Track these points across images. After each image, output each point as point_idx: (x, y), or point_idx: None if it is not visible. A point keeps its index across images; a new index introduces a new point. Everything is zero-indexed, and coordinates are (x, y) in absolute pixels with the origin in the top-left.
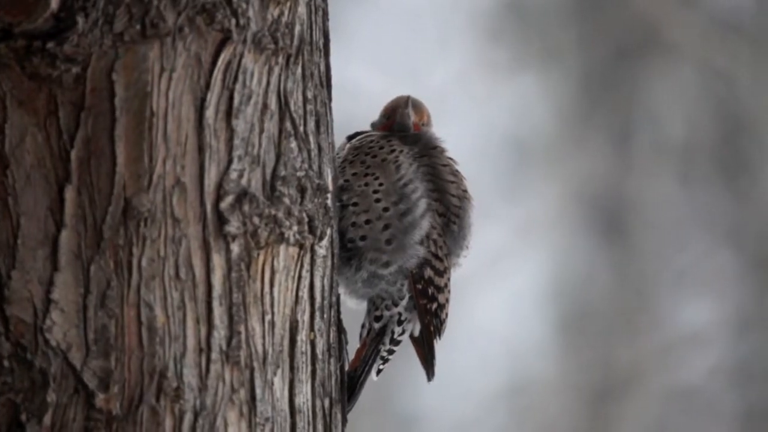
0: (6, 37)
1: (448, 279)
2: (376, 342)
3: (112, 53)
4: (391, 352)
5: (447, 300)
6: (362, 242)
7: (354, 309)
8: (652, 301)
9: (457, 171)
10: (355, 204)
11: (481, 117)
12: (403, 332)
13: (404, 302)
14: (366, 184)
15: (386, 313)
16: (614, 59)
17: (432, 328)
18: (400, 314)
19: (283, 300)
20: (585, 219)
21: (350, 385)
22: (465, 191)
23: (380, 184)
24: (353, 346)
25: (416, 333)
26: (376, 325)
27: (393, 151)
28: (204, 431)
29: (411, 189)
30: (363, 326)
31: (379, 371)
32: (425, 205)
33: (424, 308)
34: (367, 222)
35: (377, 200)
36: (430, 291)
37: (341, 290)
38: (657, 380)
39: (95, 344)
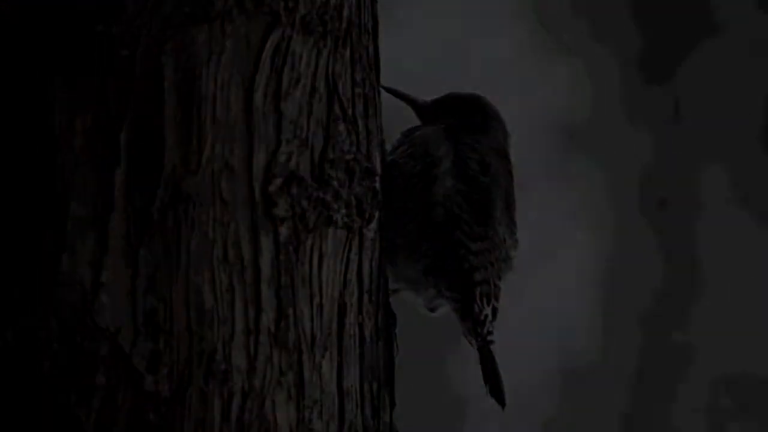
0: None
1: (488, 250)
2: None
3: (161, 36)
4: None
5: (483, 266)
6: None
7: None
8: (702, 284)
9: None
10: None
11: (530, 100)
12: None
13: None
14: (399, 155)
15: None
16: (664, 41)
17: (465, 289)
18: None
19: (332, 283)
20: (635, 202)
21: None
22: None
23: (409, 149)
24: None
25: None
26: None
27: (420, 127)
28: (252, 413)
29: (434, 147)
30: None
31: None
32: (449, 164)
33: (456, 268)
34: (402, 184)
35: (405, 163)
36: (461, 252)
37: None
38: (707, 365)
39: (144, 327)
